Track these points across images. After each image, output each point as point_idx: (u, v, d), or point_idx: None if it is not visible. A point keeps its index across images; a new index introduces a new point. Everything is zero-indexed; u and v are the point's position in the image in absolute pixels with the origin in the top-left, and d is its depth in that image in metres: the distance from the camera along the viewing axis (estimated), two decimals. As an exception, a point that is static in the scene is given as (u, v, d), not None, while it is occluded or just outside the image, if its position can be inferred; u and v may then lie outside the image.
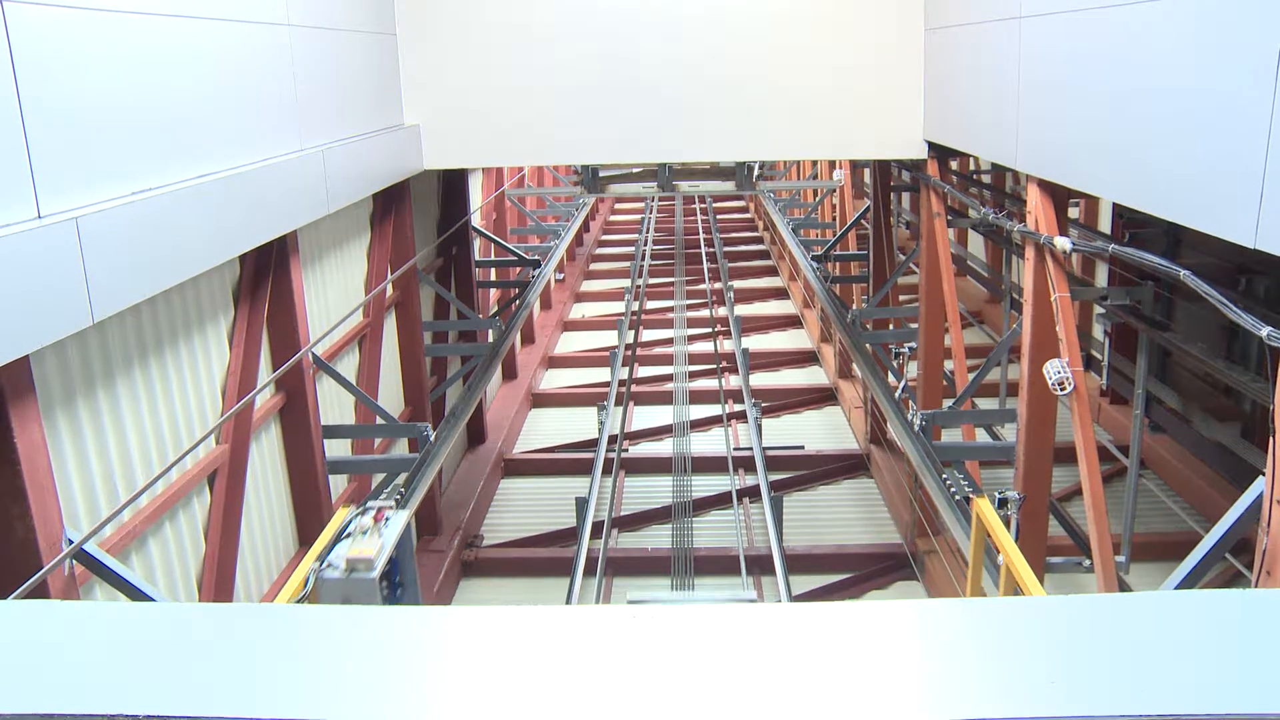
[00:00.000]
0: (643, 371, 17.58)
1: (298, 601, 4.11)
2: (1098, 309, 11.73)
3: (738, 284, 22.33)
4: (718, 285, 22.04)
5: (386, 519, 4.07)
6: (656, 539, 11.78)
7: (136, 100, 5.05)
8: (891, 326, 12.45)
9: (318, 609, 1.90)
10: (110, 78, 4.83)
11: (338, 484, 8.54)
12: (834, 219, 18.47)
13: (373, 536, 3.86)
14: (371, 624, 1.81)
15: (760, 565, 10.82)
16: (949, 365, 10.28)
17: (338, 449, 8.64)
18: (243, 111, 6.25)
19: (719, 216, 31.69)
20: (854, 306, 13.40)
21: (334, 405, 8.67)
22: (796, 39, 9.62)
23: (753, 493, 12.52)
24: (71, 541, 4.61)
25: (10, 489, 4.29)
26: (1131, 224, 9.31)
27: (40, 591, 4.43)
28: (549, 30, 9.68)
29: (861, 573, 10.85)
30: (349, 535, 4.08)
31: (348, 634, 1.76)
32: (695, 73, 9.69)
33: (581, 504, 11.00)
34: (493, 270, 15.42)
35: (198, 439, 6.19)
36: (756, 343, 19.05)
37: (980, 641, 1.70)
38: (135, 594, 4.91)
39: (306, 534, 7.65)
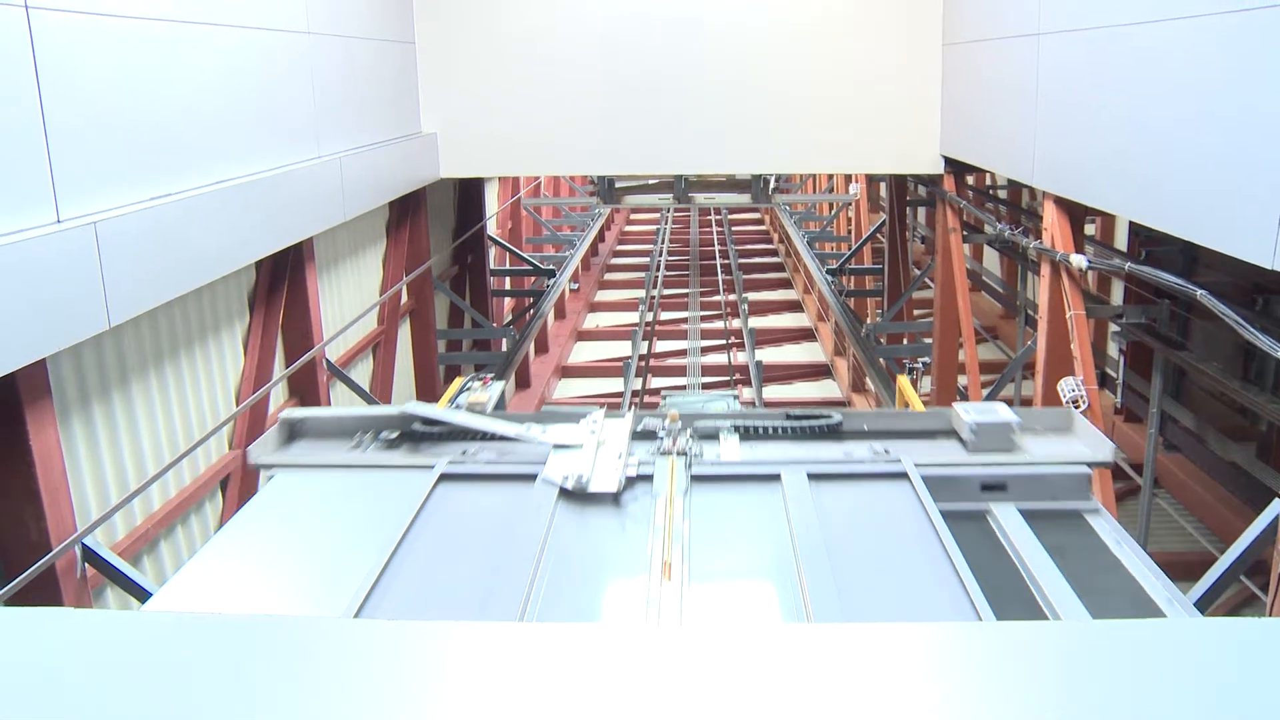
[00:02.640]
0: (656, 382, 17.55)
1: None
2: (1113, 326, 11.67)
3: (752, 296, 22.29)
4: (732, 297, 22.01)
5: (490, 383, 5.27)
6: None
7: (155, 106, 5.09)
8: (906, 341, 12.42)
9: (330, 620, 1.88)
10: (130, 83, 4.87)
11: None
12: (849, 232, 18.44)
13: (482, 392, 5.06)
14: (377, 635, 1.80)
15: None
16: (963, 381, 10.23)
17: (350, 455, 8.64)
18: (261, 118, 6.28)
19: (734, 228, 31.66)
20: (868, 320, 13.37)
21: (347, 412, 8.68)
22: (814, 52, 9.63)
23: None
24: (84, 544, 4.62)
25: (25, 491, 4.31)
26: (1148, 241, 9.25)
27: (52, 593, 4.45)
28: (567, 41, 9.71)
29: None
30: (467, 390, 5.19)
31: (361, 647, 1.75)
32: (712, 85, 9.70)
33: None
34: (507, 279, 15.45)
35: (211, 444, 6.22)
36: (770, 355, 19.01)
37: (988, 666, 1.68)
38: (146, 598, 4.93)
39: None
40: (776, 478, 3.90)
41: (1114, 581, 3.38)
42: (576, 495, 3.76)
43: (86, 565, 4.67)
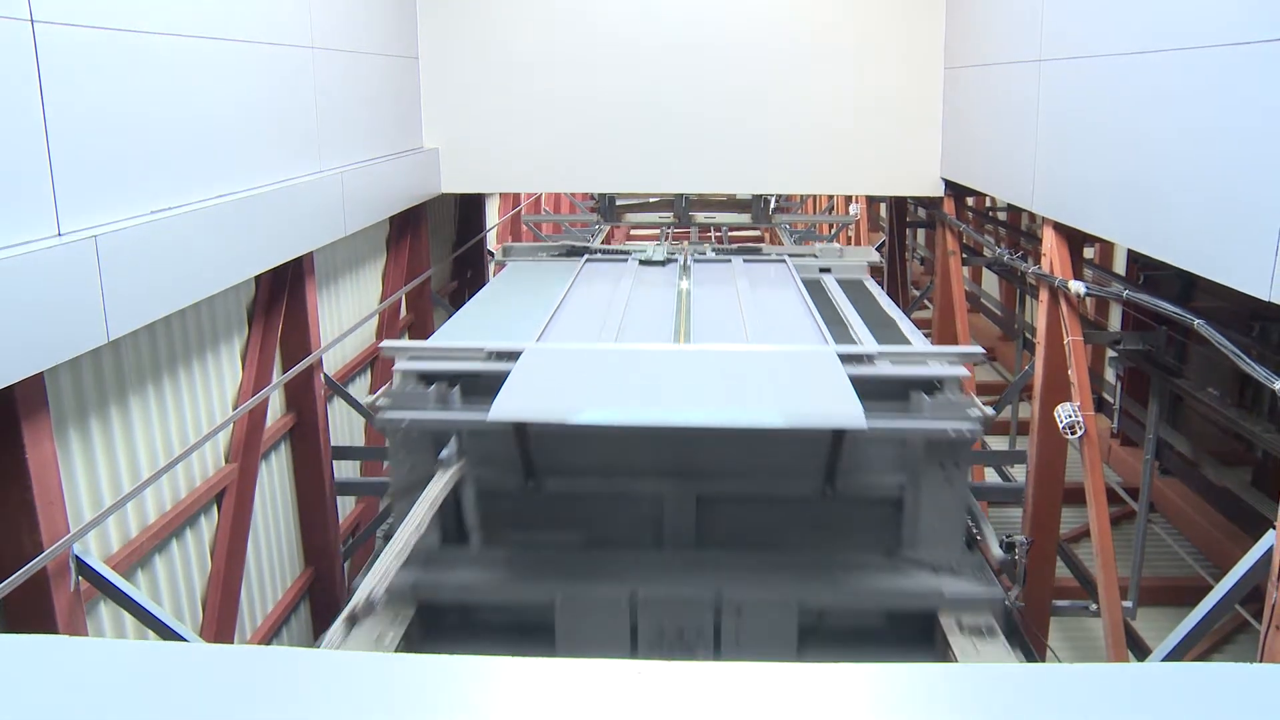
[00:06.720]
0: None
1: None
2: (1110, 352, 11.68)
3: (750, 314, 22.30)
4: (730, 314, 22.02)
5: None
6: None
7: (158, 120, 5.11)
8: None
9: (333, 654, 1.87)
10: (132, 97, 4.89)
11: (345, 505, 8.53)
12: (848, 252, 18.36)
13: None
14: (371, 669, 1.80)
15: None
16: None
17: (347, 470, 8.64)
18: (263, 132, 6.30)
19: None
20: (866, 340, 13.34)
21: (344, 427, 8.68)
22: (816, 74, 9.67)
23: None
24: (79, 558, 4.61)
25: (20, 504, 4.30)
26: (1146, 266, 9.27)
27: (46, 607, 4.44)
28: (570, 59, 9.75)
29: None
30: None
31: (362, 681, 1.74)
32: (714, 105, 9.74)
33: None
34: (506, 294, 15.40)
35: (208, 457, 6.21)
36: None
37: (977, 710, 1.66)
38: (140, 612, 4.92)
39: (313, 555, 7.64)
40: (729, 260, 8.85)
41: (873, 308, 7.37)
42: (646, 262, 8.58)
43: (80, 579, 4.66)
